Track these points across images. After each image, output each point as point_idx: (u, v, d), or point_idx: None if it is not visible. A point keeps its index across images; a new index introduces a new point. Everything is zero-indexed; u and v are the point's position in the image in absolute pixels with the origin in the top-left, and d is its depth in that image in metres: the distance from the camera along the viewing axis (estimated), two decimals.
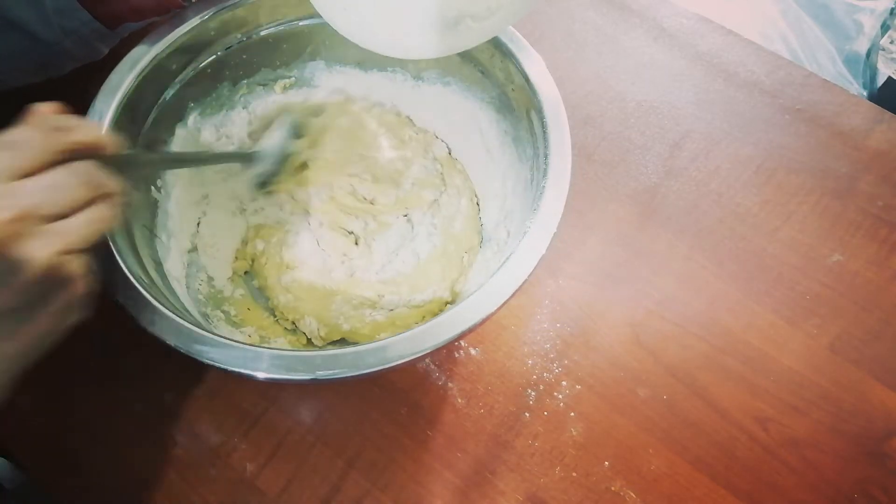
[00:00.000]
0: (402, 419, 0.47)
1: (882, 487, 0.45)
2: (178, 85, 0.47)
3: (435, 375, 0.48)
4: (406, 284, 0.49)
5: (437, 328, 0.35)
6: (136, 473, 0.45)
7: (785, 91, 0.62)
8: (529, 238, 0.38)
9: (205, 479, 0.45)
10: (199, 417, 0.47)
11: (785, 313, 0.51)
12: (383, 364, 0.34)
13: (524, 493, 0.45)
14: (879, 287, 0.52)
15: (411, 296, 0.49)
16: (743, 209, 0.56)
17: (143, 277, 0.37)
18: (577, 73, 0.63)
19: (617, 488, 0.45)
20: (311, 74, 0.54)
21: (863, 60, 0.90)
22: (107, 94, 0.42)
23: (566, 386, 0.48)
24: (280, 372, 0.34)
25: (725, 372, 0.49)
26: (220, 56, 0.49)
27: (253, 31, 0.49)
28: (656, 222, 0.55)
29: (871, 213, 0.56)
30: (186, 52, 0.47)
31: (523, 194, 0.45)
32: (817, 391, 0.48)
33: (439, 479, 0.45)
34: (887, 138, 0.59)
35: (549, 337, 0.50)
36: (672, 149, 0.59)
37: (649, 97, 0.62)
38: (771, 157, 0.58)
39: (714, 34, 0.66)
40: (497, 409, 0.47)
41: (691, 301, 0.52)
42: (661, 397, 0.48)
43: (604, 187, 0.57)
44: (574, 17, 0.67)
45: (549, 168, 0.40)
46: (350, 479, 0.45)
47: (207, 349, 0.34)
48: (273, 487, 0.45)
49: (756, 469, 0.46)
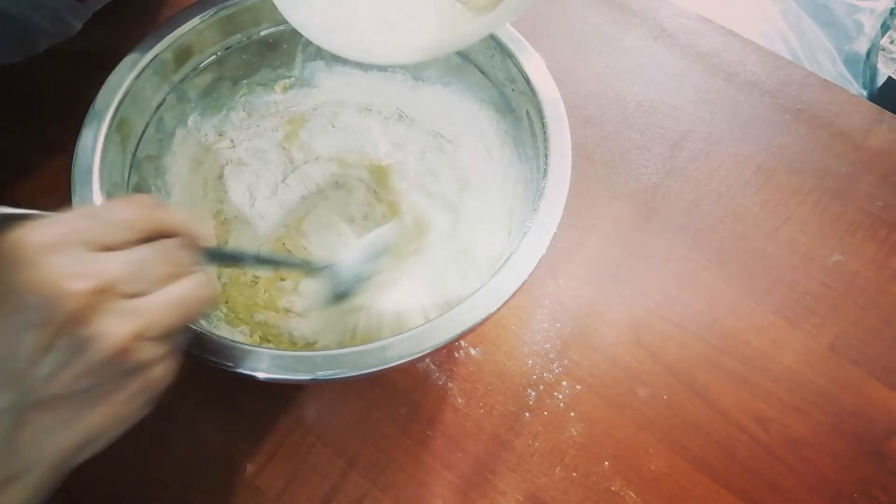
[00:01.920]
0: (402, 419, 0.47)
1: (882, 487, 0.45)
2: (178, 85, 0.47)
3: (435, 375, 0.48)
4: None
5: (438, 328, 0.35)
6: (136, 473, 0.45)
7: (785, 91, 0.62)
8: (529, 238, 0.38)
9: (205, 479, 0.45)
10: (199, 417, 0.47)
11: (785, 313, 0.51)
12: (383, 364, 0.34)
13: (524, 493, 0.45)
14: (879, 287, 0.52)
15: None
16: (743, 209, 0.56)
17: None
18: (577, 73, 0.63)
19: (617, 488, 0.45)
20: (311, 75, 0.54)
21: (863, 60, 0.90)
22: (107, 93, 0.42)
23: (566, 386, 0.48)
24: (280, 372, 0.34)
25: (725, 372, 0.49)
26: (220, 56, 0.49)
27: (253, 31, 0.49)
28: (656, 222, 0.55)
29: (871, 213, 0.56)
30: (186, 51, 0.47)
31: (523, 194, 0.45)
32: (817, 391, 0.48)
33: (439, 479, 0.45)
34: (887, 138, 0.59)
35: (549, 337, 0.50)
36: (672, 149, 0.59)
37: (649, 97, 0.62)
38: (771, 157, 0.58)
39: (714, 34, 0.66)
40: (497, 409, 0.47)
41: (691, 301, 0.52)
42: (661, 397, 0.48)
43: (604, 187, 0.57)
44: (574, 17, 0.67)
45: (549, 168, 0.40)
46: (350, 479, 0.45)
47: (208, 349, 0.34)
48: (273, 487, 0.45)
49: (756, 469, 0.46)
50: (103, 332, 0.24)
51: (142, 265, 0.26)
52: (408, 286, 0.49)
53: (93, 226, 0.25)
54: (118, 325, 0.24)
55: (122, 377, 0.25)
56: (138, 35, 0.45)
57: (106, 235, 0.25)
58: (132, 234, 0.26)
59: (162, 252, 0.27)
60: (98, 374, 0.24)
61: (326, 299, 0.42)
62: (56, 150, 0.55)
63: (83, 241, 0.25)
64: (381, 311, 0.47)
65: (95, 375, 0.24)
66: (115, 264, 0.25)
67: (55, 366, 0.24)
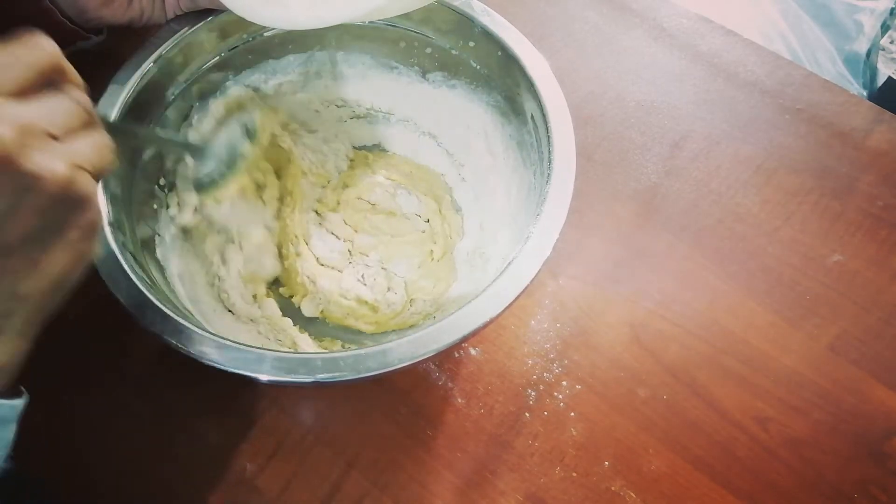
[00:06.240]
0: (402, 419, 0.47)
1: (882, 487, 0.45)
2: (184, 85, 0.47)
3: (435, 375, 0.48)
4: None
5: (438, 333, 0.35)
6: (137, 473, 0.45)
7: (785, 91, 0.62)
8: (531, 244, 0.38)
9: (205, 479, 0.45)
10: (199, 417, 0.47)
11: (785, 313, 0.51)
12: (384, 368, 0.34)
13: (524, 493, 0.45)
14: (879, 287, 0.52)
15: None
16: (743, 209, 0.56)
17: (144, 277, 0.38)
18: (577, 73, 0.63)
19: (617, 488, 0.45)
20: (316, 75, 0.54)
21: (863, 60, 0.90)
22: (111, 94, 0.42)
23: (566, 386, 0.48)
24: (281, 375, 0.34)
25: (725, 372, 0.49)
26: (225, 56, 0.49)
27: (258, 31, 0.49)
28: (656, 222, 0.55)
29: (871, 213, 0.56)
30: (191, 52, 0.47)
31: (526, 198, 0.45)
32: (817, 391, 0.48)
33: (439, 479, 0.45)
34: (887, 138, 0.59)
35: (549, 337, 0.50)
36: (672, 149, 0.59)
37: (649, 97, 0.62)
38: (771, 157, 0.58)
39: (714, 34, 0.66)
40: (497, 409, 0.47)
41: (691, 301, 0.52)
42: (661, 397, 0.48)
43: (604, 187, 0.57)
44: (574, 17, 0.67)
45: (552, 174, 0.40)
46: (350, 479, 0.45)
47: (209, 350, 0.34)
48: (273, 487, 0.45)
49: (756, 469, 0.46)
50: (43, 166, 0.24)
51: (55, 108, 0.26)
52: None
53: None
54: (54, 159, 0.24)
55: (71, 211, 0.26)
56: (139, 36, 0.45)
57: (8, 79, 0.25)
58: (33, 74, 0.25)
59: (69, 100, 0.26)
60: (49, 212, 0.25)
61: (205, 182, 0.44)
62: None
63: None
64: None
65: (46, 214, 0.25)
66: (30, 109, 0.25)
67: (2, 212, 0.24)
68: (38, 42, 0.26)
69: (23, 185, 0.24)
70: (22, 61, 0.25)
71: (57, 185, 0.24)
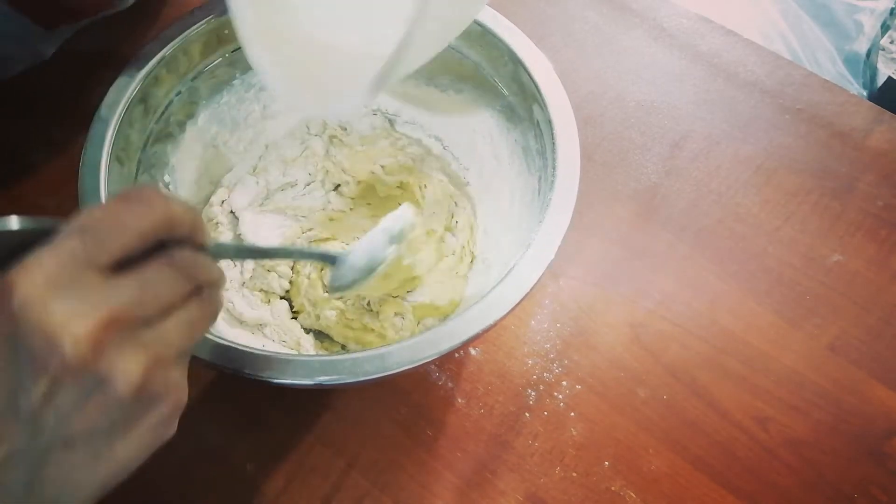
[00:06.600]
0: (402, 419, 0.47)
1: (882, 487, 0.45)
2: (189, 83, 0.47)
3: (435, 375, 0.48)
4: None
5: (438, 338, 0.35)
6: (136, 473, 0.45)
7: (785, 91, 0.62)
8: (533, 251, 0.38)
9: (205, 479, 0.45)
10: (198, 417, 0.46)
11: (785, 313, 0.51)
12: (383, 372, 0.34)
13: (524, 493, 0.45)
14: (879, 287, 0.52)
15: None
16: (743, 209, 0.56)
17: None
18: (577, 73, 0.63)
19: (617, 488, 0.45)
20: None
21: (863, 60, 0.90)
22: (116, 91, 0.42)
23: (566, 386, 0.48)
24: (281, 377, 0.34)
25: (725, 372, 0.49)
26: (230, 56, 0.49)
27: None
28: (656, 222, 0.55)
29: (871, 213, 0.56)
30: (197, 50, 0.47)
31: (530, 204, 0.45)
32: (817, 391, 0.48)
33: (439, 480, 0.45)
34: (887, 138, 0.59)
35: (549, 337, 0.50)
36: (672, 149, 0.59)
37: (649, 97, 0.62)
38: (771, 157, 0.58)
39: (714, 34, 0.66)
40: (497, 409, 0.47)
41: (691, 301, 0.52)
42: (661, 397, 0.48)
43: (604, 187, 0.57)
44: (574, 17, 0.67)
45: (556, 181, 0.40)
46: (350, 479, 0.45)
47: (209, 351, 0.34)
48: (273, 487, 0.45)
49: (756, 469, 0.46)
50: (116, 369, 0.22)
51: (150, 288, 0.24)
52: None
53: (92, 242, 0.23)
54: (131, 360, 0.22)
55: (144, 408, 0.24)
56: (140, 36, 0.45)
57: (108, 251, 0.23)
58: (136, 240, 0.24)
59: (170, 271, 0.25)
60: (118, 410, 0.23)
61: (338, 287, 0.41)
62: (58, 150, 0.55)
63: (84, 265, 0.22)
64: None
65: (115, 412, 0.23)
66: (121, 292, 0.23)
67: (68, 407, 0.23)
68: (145, 198, 0.24)
69: (90, 385, 0.22)
70: (125, 226, 0.23)
71: (128, 388, 0.22)
